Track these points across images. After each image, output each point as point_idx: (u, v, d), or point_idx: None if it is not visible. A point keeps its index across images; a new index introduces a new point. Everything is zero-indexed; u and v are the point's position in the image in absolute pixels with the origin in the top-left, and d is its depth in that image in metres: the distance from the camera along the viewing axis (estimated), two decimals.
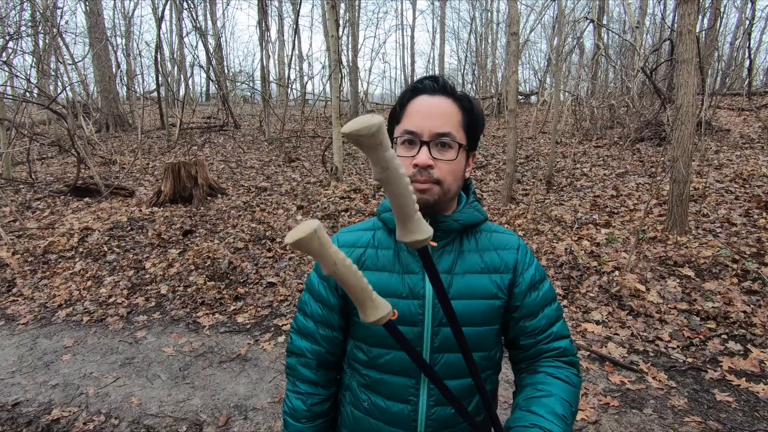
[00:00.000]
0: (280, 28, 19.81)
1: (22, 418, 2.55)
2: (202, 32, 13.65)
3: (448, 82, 0.87)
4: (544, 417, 0.80)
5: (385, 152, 0.54)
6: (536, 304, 0.93)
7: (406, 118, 0.87)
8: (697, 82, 4.75)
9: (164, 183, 6.72)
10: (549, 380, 0.88)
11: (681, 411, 2.44)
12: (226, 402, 2.66)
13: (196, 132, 12.82)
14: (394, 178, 0.56)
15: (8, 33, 9.21)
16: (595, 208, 5.58)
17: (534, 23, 17.14)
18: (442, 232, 0.90)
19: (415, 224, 0.60)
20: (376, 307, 0.65)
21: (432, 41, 29.06)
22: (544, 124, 11.75)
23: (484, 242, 0.94)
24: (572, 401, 0.86)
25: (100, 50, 12.75)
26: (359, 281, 0.63)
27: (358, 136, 0.51)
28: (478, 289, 0.89)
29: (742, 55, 14.41)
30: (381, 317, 0.65)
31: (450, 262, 0.90)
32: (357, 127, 0.51)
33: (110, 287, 4.32)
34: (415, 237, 0.61)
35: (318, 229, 0.55)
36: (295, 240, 0.54)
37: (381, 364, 0.92)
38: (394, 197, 0.59)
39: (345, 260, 0.60)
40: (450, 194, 0.87)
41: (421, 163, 0.82)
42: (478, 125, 0.90)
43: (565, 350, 0.93)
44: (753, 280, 3.60)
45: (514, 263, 0.93)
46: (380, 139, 0.52)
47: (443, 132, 0.83)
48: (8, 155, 8.25)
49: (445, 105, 0.85)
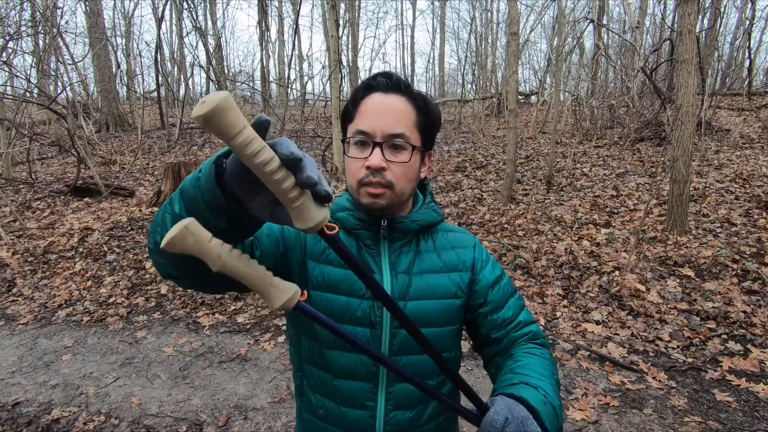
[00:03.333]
0: (280, 28, 19.81)
1: (22, 418, 2.55)
2: (202, 32, 13.65)
3: (402, 80, 0.84)
4: (530, 375, 0.80)
5: (236, 138, 0.48)
6: (501, 297, 0.93)
7: (358, 117, 0.83)
8: (697, 82, 4.75)
9: (164, 183, 6.72)
10: (525, 356, 0.87)
11: (681, 411, 2.44)
12: (226, 402, 2.66)
13: (196, 132, 12.82)
14: (255, 168, 0.50)
15: (8, 33, 9.21)
16: (595, 208, 5.58)
17: (534, 23, 17.14)
18: (399, 232, 0.88)
19: (297, 213, 0.54)
20: (281, 291, 0.58)
21: (432, 41, 29.09)
22: (544, 124, 11.75)
23: (442, 242, 0.93)
24: (554, 372, 0.85)
25: (100, 50, 12.74)
26: (254, 269, 0.57)
27: (202, 119, 0.46)
28: (437, 289, 0.88)
29: (742, 55, 14.41)
30: (287, 300, 0.58)
31: (408, 263, 0.88)
32: (200, 109, 0.46)
33: (110, 287, 4.32)
34: (300, 226, 0.55)
35: (189, 224, 0.51)
36: (167, 241, 0.51)
37: (336, 367, 0.87)
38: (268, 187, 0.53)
39: (231, 251, 0.55)
40: (404, 197, 0.85)
41: (374, 166, 0.79)
42: (434, 125, 0.88)
43: (536, 333, 0.94)
44: (753, 280, 3.60)
45: (472, 261, 0.93)
46: (224, 122, 0.46)
47: (396, 133, 0.80)
48: (8, 155, 8.25)
49: (399, 104, 0.82)
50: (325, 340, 0.87)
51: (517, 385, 0.78)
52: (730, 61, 14.99)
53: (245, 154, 0.49)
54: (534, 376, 0.80)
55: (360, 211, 0.88)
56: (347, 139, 0.85)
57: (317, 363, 0.89)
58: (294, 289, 0.59)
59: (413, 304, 0.86)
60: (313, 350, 0.89)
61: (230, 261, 0.54)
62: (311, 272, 0.87)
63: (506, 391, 0.76)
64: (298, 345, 0.93)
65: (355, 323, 0.85)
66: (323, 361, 0.88)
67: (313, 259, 0.88)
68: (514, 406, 0.70)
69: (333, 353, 0.87)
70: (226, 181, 0.57)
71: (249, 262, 0.56)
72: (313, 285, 0.87)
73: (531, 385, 0.77)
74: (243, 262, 0.56)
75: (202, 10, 17.37)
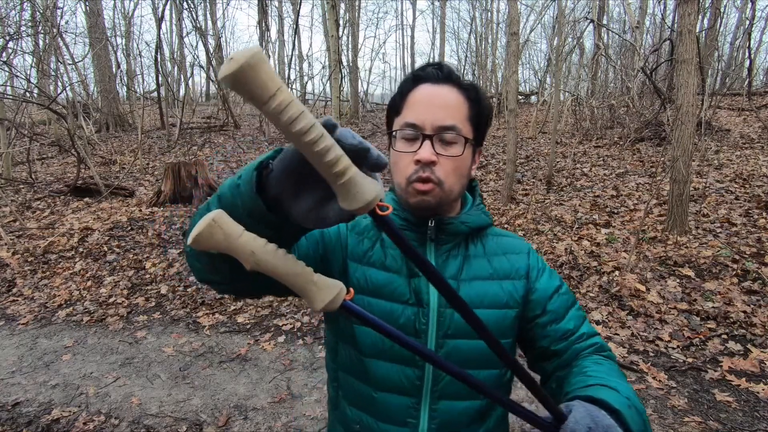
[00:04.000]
0: (280, 28, 19.81)
1: (22, 418, 2.55)
2: (202, 32, 13.65)
3: (453, 70, 0.79)
4: (606, 378, 0.71)
5: (270, 102, 0.41)
6: (560, 307, 0.85)
7: (406, 109, 0.79)
8: (697, 82, 4.75)
9: (164, 183, 6.72)
10: (594, 364, 0.77)
11: (681, 411, 2.44)
12: (226, 402, 2.66)
13: (196, 132, 12.81)
14: (294, 138, 0.43)
15: (8, 33, 9.21)
16: (595, 208, 5.58)
17: (534, 23, 17.14)
18: (447, 234, 0.82)
19: (345, 190, 0.46)
20: (322, 289, 0.52)
21: (432, 41, 29.09)
22: (544, 124, 11.75)
23: (492, 247, 0.86)
24: (626, 379, 0.75)
25: (100, 50, 12.74)
26: (292, 266, 0.50)
27: (231, 78, 0.39)
28: (488, 297, 0.81)
29: (742, 55, 14.42)
30: (331, 300, 0.52)
31: (456, 268, 0.82)
32: (227, 68, 0.39)
33: (110, 287, 4.32)
34: (347, 206, 0.47)
35: (217, 218, 0.46)
36: (194, 238, 0.46)
37: (375, 378, 0.80)
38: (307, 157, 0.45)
39: (266, 245, 0.49)
40: (453, 195, 0.79)
41: (424, 159, 0.74)
42: (487, 118, 0.82)
43: (601, 346, 0.84)
44: (753, 280, 3.60)
45: (527, 269, 0.86)
46: (255, 83, 0.40)
47: (448, 125, 0.75)
48: (8, 155, 8.25)
49: (451, 95, 0.77)
50: (366, 348, 0.81)
51: (593, 386, 0.69)
52: (730, 61, 14.99)
53: (281, 122, 0.42)
54: (611, 379, 0.71)
55: (405, 211, 0.82)
56: (393, 132, 0.80)
57: (355, 373, 0.83)
58: (338, 287, 0.53)
59: None
60: (352, 358, 0.83)
61: (265, 257, 0.49)
62: (352, 274, 0.82)
63: (583, 393, 0.67)
64: (335, 352, 0.87)
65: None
66: (362, 370, 0.82)
67: (354, 260, 0.83)
68: (596, 412, 0.60)
69: (373, 362, 0.80)
70: (271, 185, 0.53)
71: (286, 259, 0.50)
72: (354, 288, 0.80)
73: (610, 387, 0.68)
74: (280, 258, 0.50)
75: (202, 10, 17.37)
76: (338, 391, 0.87)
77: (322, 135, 0.44)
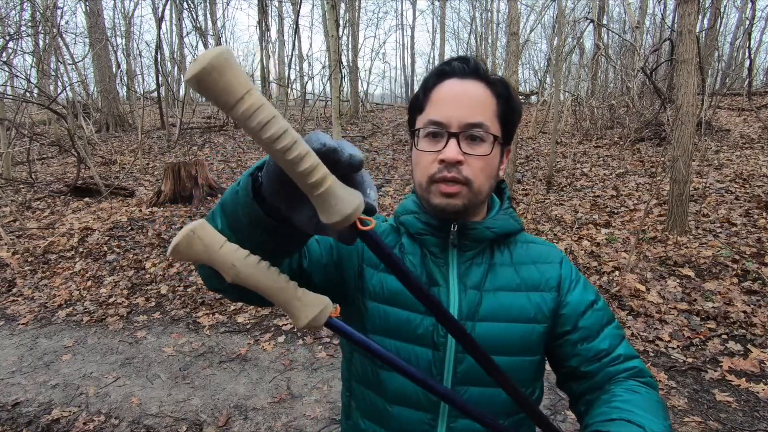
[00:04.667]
0: (280, 28, 19.81)
1: (22, 418, 2.55)
2: (202, 32, 13.65)
3: (481, 64, 0.74)
4: (633, 412, 0.65)
5: (237, 107, 0.38)
6: (594, 324, 0.78)
7: (430, 106, 0.73)
8: (697, 82, 4.75)
9: (164, 183, 6.72)
10: (626, 393, 0.70)
11: (681, 411, 2.44)
12: (226, 402, 2.66)
13: (196, 132, 12.81)
14: (264, 145, 0.40)
15: (8, 33, 9.21)
16: (595, 208, 5.58)
17: (534, 23, 17.14)
18: (471, 240, 0.76)
19: (321, 202, 0.43)
20: (307, 305, 0.49)
21: (432, 41, 29.10)
22: (544, 124, 11.75)
23: (520, 255, 0.80)
24: (665, 416, 0.66)
25: (100, 50, 12.74)
26: (275, 280, 0.48)
27: (194, 81, 0.37)
28: (513, 310, 0.75)
29: (742, 55, 14.42)
30: (315, 316, 0.49)
31: (479, 277, 0.76)
32: (191, 69, 0.37)
33: (110, 287, 4.32)
34: (326, 219, 0.44)
35: (197, 229, 0.45)
36: (172, 249, 0.44)
37: (390, 391, 0.76)
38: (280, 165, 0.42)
39: (248, 258, 0.47)
40: (481, 197, 0.74)
41: (449, 159, 0.69)
42: (516, 116, 0.77)
43: (640, 371, 0.76)
44: (753, 280, 3.60)
45: (558, 280, 0.79)
46: (220, 85, 0.37)
47: (475, 122, 0.70)
48: (8, 155, 8.25)
49: (478, 91, 0.72)
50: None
51: (615, 421, 0.63)
52: (730, 61, 14.99)
53: (251, 128, 0.39)
54: (639, 413, 0.64)
55: (427, 214, 0.78)
56: (416, 130, 0.75)
57: (370, 384, 0.79)
58: (323, 303, 0.51)
59: (483, 325, 0.74)
60: (366, 368, 0.79)
61: (246, 270, 0.47)
62: (368, 281, 0.78)
63: (602, 428, 0.63)
64: (350, 361, 0.84)
65: (415, 342, 0.75)
66: (377, 382, 0.78)
67: (371, 266, 0.79)
68: None
69: (389, 374, 0.76)
70: (265, 195, 0.50)
71: (269, 272, 0.48)
72: (370, 295, 0.78)
73: (634, 423, 0.62)
74: (262, 271, 0.48)
75: (202, 10, 17.37)
76: (351, 401, 0.84)
77: (296, 142, 0.40)
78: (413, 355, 0.75)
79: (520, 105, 0.78)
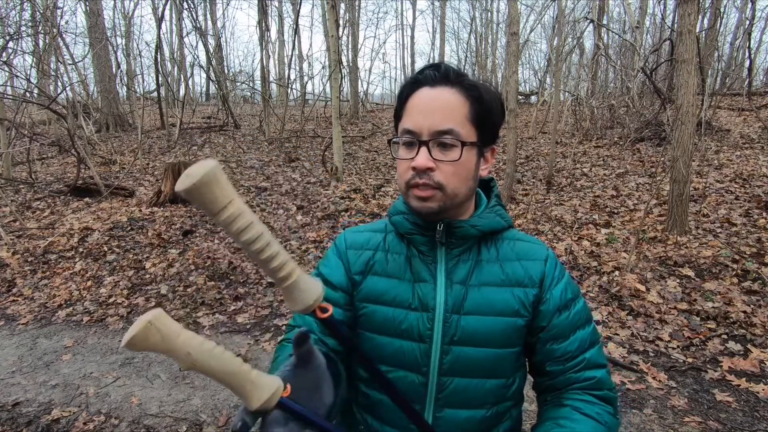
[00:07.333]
0: (280, 28, 19.81)
1: (22, 418, 2.55)
2: (202, 32, 13.65)
3: (453, 69, 0.76)
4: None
5: (220, 214, 0.46)
6: (567, 325, 0.80)
7: (405, 115, 0.77)
8: (697, 82, 4.75)
9: (164, 183, 6.72)
10: (575, 416, 0.75)
11: (681, 411, 2.44)
12: (226, 402, 2.66)
13: (196, 132, 12.81)
14: (242, 246, 0.49)
15: (8, 33, 9.21)
16: (595, 208, 5.58)
17: (534, 23, 17.15)
18: (458, 238, 0.80)
19: (288, 293, 0.52)
20: (260, 388, 0.52)
21: (432, 41, 29.11)
22: (544, 124, 11.75)
23: (506, 251, 0.83)
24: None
25: (100, 50, 12.74)
26: (228, 365, 0.50)
27: (184, 193, 0.44)
28: (497, 305, 0.78)
29: (742, 55, 14.42)
30: (267, 399, 0.51)
31: (465, 273, 0.80)
32: (183, 182, 0.44)
33: (110, 287, 4.32)
34: (292, 307, 0.53)
35: (154, 320, 0.45)
36: (128, 341, 0.44)
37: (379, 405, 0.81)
38: None
39: (203, 344, 0.48)
40: (458, 199, 0.77)
41: (419, 166, 0.73)
42: (493, 116, 0.78)
43: (599, 381, 0.79)
44: (753, 280, 3.60)
45: (541, 276, 0.81)
46: (208, 197, 0.44)
47: (444, 129, 0.73)
48: (8, 155, 8.25)
49: (448, 97, 0.74)
50: (375, 354, 0.82)
51: None
52: (730, 61, 14.98)
53: (231, 231, 0.47)
54: None
55: (414, 215, 0.82)
56: (396, 139, 0.79)
57: (363, 378, 0.85)
58: (276, 385, 0.53)
59: (468, 319, 0.78)
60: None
61: (201, 357, 0.48)
62: (359, 286, 0.84)
63: None
64: None
65: (401, 336, 0.79)
66: (368, 374, 0.84)
67: (358, 274, 0.85)
68: None
69: (382, 368, 0.80)
70: None
71: (223, 358, 0.50)
72: (359, 297, 0.84)
73: None
74: (215, 357, 0.49)
75: (202, 10, 17.37)
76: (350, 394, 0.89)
77: (268, 243, 0.48)
78: (401, 349, 0.79)
79: (501, 104, 0.79)
